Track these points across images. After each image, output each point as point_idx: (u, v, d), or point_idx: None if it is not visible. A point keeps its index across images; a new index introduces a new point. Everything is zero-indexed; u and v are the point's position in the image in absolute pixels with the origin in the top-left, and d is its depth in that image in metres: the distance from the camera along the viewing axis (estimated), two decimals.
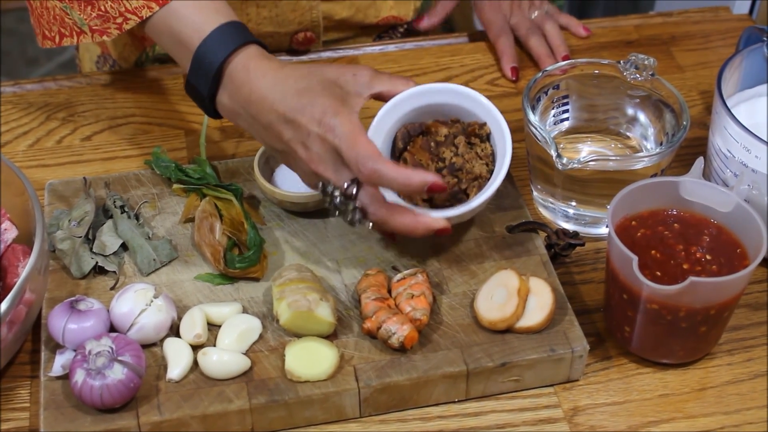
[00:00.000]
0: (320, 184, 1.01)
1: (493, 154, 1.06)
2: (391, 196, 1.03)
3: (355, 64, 1.06)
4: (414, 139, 1.07)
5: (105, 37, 1.11)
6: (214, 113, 1.07)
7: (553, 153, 1.07)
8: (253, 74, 1.02)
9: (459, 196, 1.04)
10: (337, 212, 1.01)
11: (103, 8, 1.09)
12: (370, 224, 1.02)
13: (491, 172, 1.05)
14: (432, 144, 1.06)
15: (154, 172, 1.17)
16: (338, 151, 0.98)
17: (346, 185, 1.00)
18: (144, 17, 1.07)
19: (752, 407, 1.01)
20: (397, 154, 1.07)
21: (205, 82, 1.04)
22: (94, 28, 1.11)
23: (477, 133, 1.06)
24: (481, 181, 1.05)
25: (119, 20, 1.09)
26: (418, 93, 1.06)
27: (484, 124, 1.06)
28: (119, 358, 0.95)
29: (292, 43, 1.39)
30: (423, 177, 0.97)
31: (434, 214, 1.02)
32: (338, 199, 1.00)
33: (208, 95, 1.05)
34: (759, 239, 0.98)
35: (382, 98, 1.05)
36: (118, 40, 1.42)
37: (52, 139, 1.28)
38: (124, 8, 1.07)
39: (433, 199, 1.05)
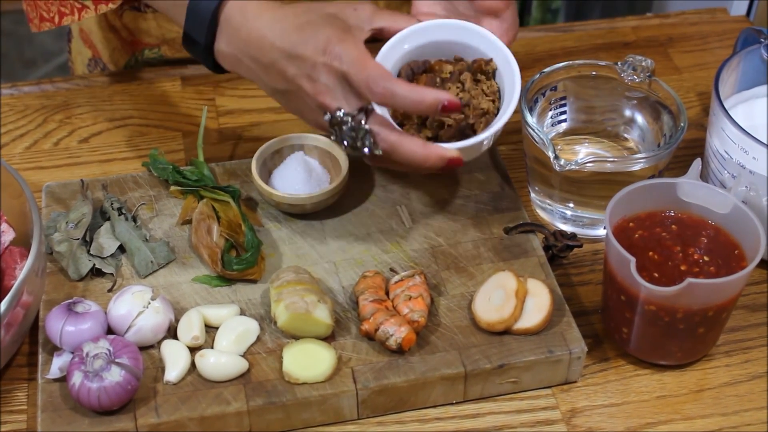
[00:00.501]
0: (328, 117, 0.99)
1: (499, 91, 1.05)
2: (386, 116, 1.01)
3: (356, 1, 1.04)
4: (417, 77, 1.05)
5: (110, 5, 1.09)
6: (215, 66, 1.06)
7: (551, 154, 1.07)
8: (250, 15, 1.00)
9: (466, 132, 1.03)
10: (345, 142, 0.99)
11: None
12: (380, 152, 0.99)
13: (498, 109, 1.04)
14: (437, 80, 1.04)
15: (152, 174, 1.17)
16: (347, 78, 0.96)
17: (356, 111, 0.98)
18: None
19: (750, 409, 1.01)
20: None
21: (201, 30, 1.02)
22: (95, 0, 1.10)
23: (483, 70, 1.04)
24: (489, 116, 1.03)
25: None
26: (422, 29, 1.04)
27: (491, 60, 1.05)
28: (117, 360, 0.95)
29: None
30: (437, 95, 0.95)
31: (442, 147, 0.99)
32: (349, 125, 0.97)
33: (205, 44, 1.03)
34: (756, 241, 0.98)
35: (383, 35, 1.03)
36: (108, 44, 1.41)
37: (49, 141, 1.28)
38: None
39: (439, 136, 1.03)
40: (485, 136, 1.01)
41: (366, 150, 0.99)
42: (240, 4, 1.01)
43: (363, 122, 0.98)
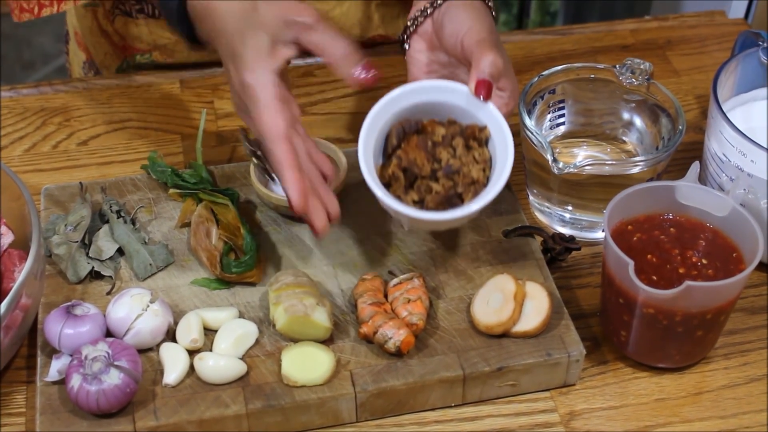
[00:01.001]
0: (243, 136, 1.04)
1: (491, 160, 1.03)
2: (380, 193, 0.99)
3: (301, 6, 1.03)
4: (409, 137, 1.03)
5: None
6: (189, 32, 1.08)
7: (550, 157, 1.07)
8: (210, 8, 1.02)
9: (453, 200, 1.01)
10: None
11: None
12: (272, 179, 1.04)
13: (488, 178, 1.02)
14: (429, 143, 1.02)
15: (151, 176, 1.17)
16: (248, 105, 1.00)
17: (247, 143, 1.03)
18: None
19: (749, 411, 1.01)
20: (390, 150, 1.03)
21: (176, 25, 1.06)
22: None
23: (476, 137, 1.02)
24: (478, 186, 1.01)
25: None
26: (417, 89, 1.03)
27: (485, 127, 1.02)
28: (115, 363, 0.95)
29: None
30: (293, 186, 0.98)
31: (426, 216, 0.99)
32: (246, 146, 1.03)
33: (188, 36, 1.07)
34: (755, 243, 0.98)
35: (313, 53, 1.02)
36: (99, 48, 1.42)
37: (48, 143, 1.28)
38: None
39: (425, 200, 1.01)
40: (471, 210, 0.98)
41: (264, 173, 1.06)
42: None
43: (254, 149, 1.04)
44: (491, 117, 1.02)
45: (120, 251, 1.09)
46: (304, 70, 1.38)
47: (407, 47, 1.12)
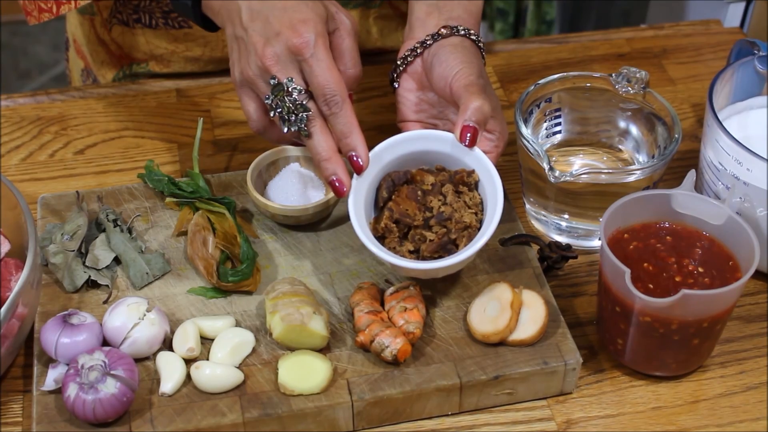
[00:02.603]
0: (274, 81, 1.01)
1: (482, 203, 1.04)
2: (376, 249, 1.01)
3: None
4: (399, 188, 1.05)
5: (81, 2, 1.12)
6: (201, 18, 1.10)
7: (546, 166, 1.07)
8: None
9: (448, 247, 1.02)
10: (279, 111, 1.02)
11: None
12: (307, 134, 1.02)
13: (481, 221, 1.03)
14: (419, 193, 1.04)
15: (147, 185, 1.17)
16: (306, 66, 1.00)
17: (303, 90, 1.01)
18: None
19: (745, 419, 1.01)
20: (381, 203, 1.05)
21: None
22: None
23: (465, 182, 1.04)
24: (471, 230, 1.02)
25: None
26: (402, 140, 1.05)
27: (473, 171, 1.04)
28: (112, 372, 0.95)
29: None
30: (359, 143, 1.01)
31: (422, 266, 1.00)
32: (294, 97, 1.01)
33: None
34: (751, 252, 0.99)
35: (333, 51, 1.05)
36: (96, 57, 1.42)
37: (44, 152, 1.28)
38: None
39: (420, 249, 1.03)
40: (466, 257, 1.00)
41: (294, 126, 1.02)
42: None
43: (305, 102, 1.01)
44: (478, 161, 1.03)
45: (116, 260, 1.09)
46: None
47: (396, 86, 1.12)
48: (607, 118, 1.20)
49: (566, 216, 1.15)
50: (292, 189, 1.13)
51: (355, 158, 1.02)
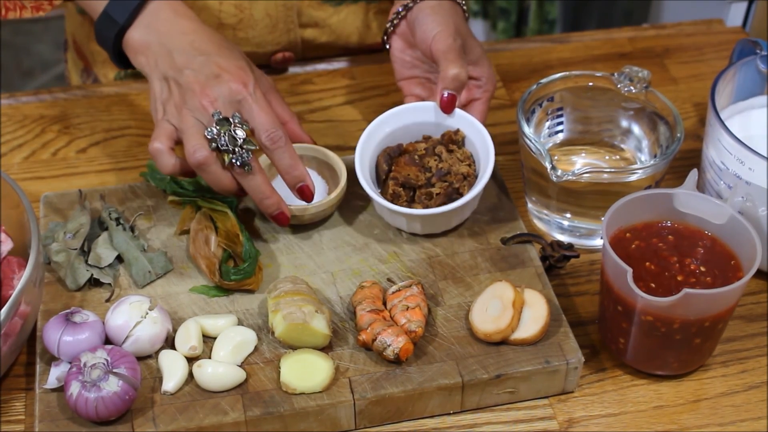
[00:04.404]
0: (217, 115, 1.04)
1: (472, 156, 1.14)
2: (390, 205, 1.08)
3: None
4: (396, 159, 1.13)
5: (40, 13, 1.14)
6: (118, 56, 1.12)
7: (548, 165, 1.07)
8: (182, 14, 1.10)
9: (454, 197, 1.10)
10: (221, 145, 1.04)
11: None
12: (250, 169, 1.05)
13: (476, 171, 1.12)
14: (416, 158, 1.12)
15: (150, 184, 1.17)
16: (246, 106, 1.05)
17: (244, 127, 1.05)
18: None
19: (747, 419, 1.02)
20: (383, 176, 1.12)
21: (124, 12, 1.09)
22: (29, 5, 1.16)
23: (453, 140, 1.13)
24: (470, 179, 1.11)
25: None
26: (391, 116, 1.15)
27: (458, 130, 1.14)
28: (114, 370, 0.95)
29: (270, 62, 1.39)
30: (305, 174, 1.07)
31: (436, 210, 1.07)
32: (239, 132, 1.04)
33: (122, 27, 1.09)
34: (753, 251, 0.99)
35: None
36: (98, 56, 1.42)
37: (47, 151, 1.28)
38: None
39: (429, 206, 1.09)
40: (473, 195, 1.09)
41: (238, 161, 1.04)
42: (171, 2, 1.10)
43: (249, 138, 1.05)
44: (461, 118, 1.14)
45: (119, 258, 1.10)
46: (302, 78, 1.38)
47: (388, 47, 1.21)
48: (609, 117, 1.20)
49: (568, 215, 1.15)
50: None
51: (305, 188, 1.08)
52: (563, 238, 1.16)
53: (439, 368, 1.00)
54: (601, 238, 1.01)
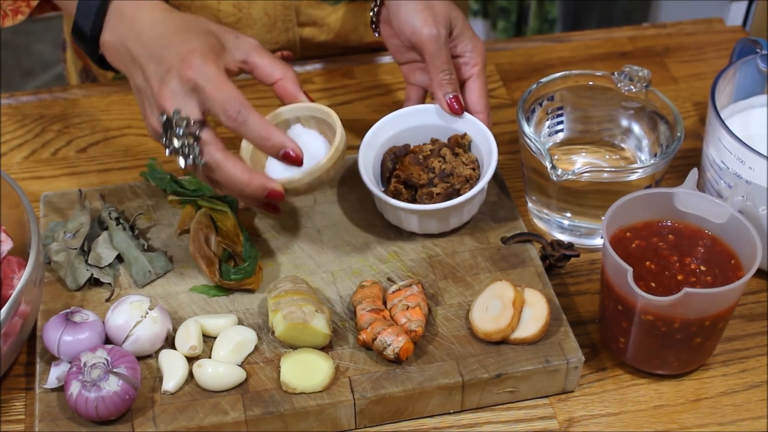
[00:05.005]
0: (163, 118, 0.98)
1: (477, 161, 1.13)
2: (390, 200, 1.09)
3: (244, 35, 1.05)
4: (401, 158, 1.13)
5: (19, 17, 1.11)
6: (100, 61, 1.07)
7: (548, 164, 1.07)
8: (140, 9, 1.02)
9: (454, 197, 1.09)
10: (172, 147, 0.98)
11: None
12: (203, 163, 0.98)
13: (479, 175, 1.12)
14: (420, 158, 1.12)
15: (150, 183, 1.17)
16: (199, 91, 0.97)
17: (192, 120, 0.97)
18: None
19: (747, 418, 1.01)
20: (387, 174, 1.13)
21: (88, 18, 1.03)
22: (9, 9, 1.12)
23: (460, 143, 1.13)
24: (472, 182, 1.11)
25: None
26: (395, 118, 1.15)
27: (465, 134, 1.13)
28: (114, 370, 0.95)
29: None
30: (282, 140, 0.98)
31: (434, 206, 1.07)
32: (182, 128, 0.97)
33: (91, 34, 1.04)
34: (753, 250, 0.99)
35: (253, 73, 1.03)
36: None
37: (47, 150, 1.28)
38: None
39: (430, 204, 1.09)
40: (475, 192, 1.08)
41: (190, 159, 0.98)
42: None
43: (197, 131, 0.98)
44: (470, 122, 1.13)
45: (119, 258, 1.10)
46: (303, 77, 1.38)
47: (377, 35, 1.20)
48: (609, 116, 1.20)
49: (568, 214, 1.15)
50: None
51: (289, 152, 0.98)
52: (563, 237, 1.16)
53: (440, 368, 1.00)
54: (602, 237, 1.01)
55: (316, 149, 1.04)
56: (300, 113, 1.07)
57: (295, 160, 0.98)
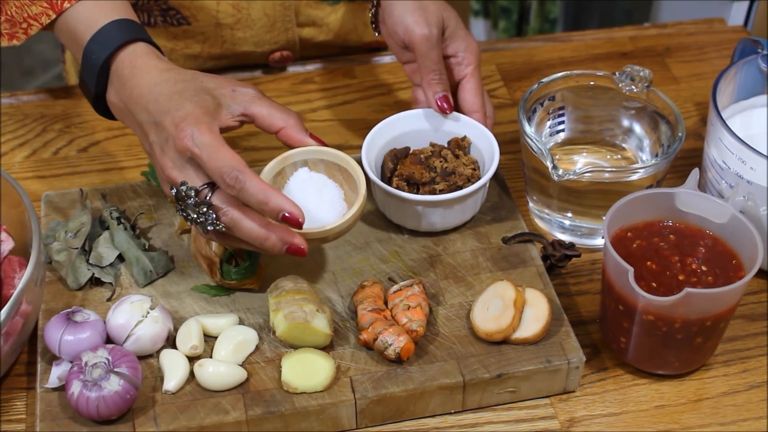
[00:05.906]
0: (174, 191, 0.97)
1: (476, 163, 1.14)
2: (397, 191, 1.09)
3: (244, 82, 1.03)
4: (402, 160, 1.13)
5: (15, 42, 1.10)
6: (106, 112, 1.06)
7: (549, 164, 1.07)
8: (138, 71, 1.01)
9: None
10: (190, 217, 0.97)
11: (9, 12, 1.09)
12: (222, 227, 0.97)
13: (479, 176, 1.12)
14: (422, 158, 1.12)
15: (151, 183, 1.17)
16: (197, 159, 0.95)
17: (200, 187, 0.96)
18: (44, 24, 1.06)
19: (748, 418, 1.01)
20: (388, 174, 1.12)
21: (92, 77, 1.03)
22: (4, 32, 1.11)
23: (460, 145, 1.14)
24: (474, 180, 1.11)
25: (24, 25, 1.08)
26: (394, 121, 1.15)
27: (464, 136, 1.14)
28: (115, 369, 0.95)
29: (268, 62, 1.39)
30: (280, 203, 0.95)
31: (440, 197, 1.08)
32: (192, 199, 0.96)
33: (95, 93, 1.04)
34: (754, 250, 0.98)
35: (255, 123, 1.02)
36: None
37: (48, 150, 1.28)
38: (26, 14, 1.07)
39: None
40: (480, 185, 1.09)
41: (209, 227, 0.97)
42: (131, 58, 1.01)
43: (207, 197, 0.96)
44: (470, 125, 1.14)
45: (120, 258, 1.10)
46: (304, 77, 1.38)
47: (377, 34, 1.20)
48: (610, 116, 1.20)
49: (569, 214, 1.15)
50: (308, 200, 1.03)
51: (288, 216, 0.95)
52: (564, 237, 1.16)
53: (441, 367, 1.00)
54: (603, 237, 1.01)
55: (329, 193, 1.04)
56: (308, 156, 1.05)
57: (295, 223, 0.95)
